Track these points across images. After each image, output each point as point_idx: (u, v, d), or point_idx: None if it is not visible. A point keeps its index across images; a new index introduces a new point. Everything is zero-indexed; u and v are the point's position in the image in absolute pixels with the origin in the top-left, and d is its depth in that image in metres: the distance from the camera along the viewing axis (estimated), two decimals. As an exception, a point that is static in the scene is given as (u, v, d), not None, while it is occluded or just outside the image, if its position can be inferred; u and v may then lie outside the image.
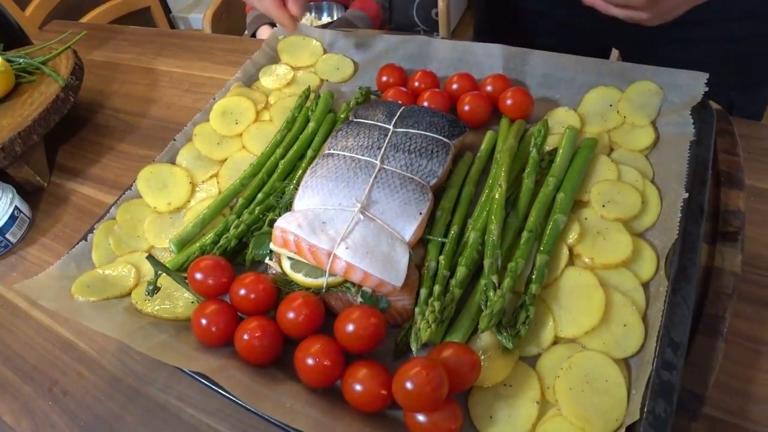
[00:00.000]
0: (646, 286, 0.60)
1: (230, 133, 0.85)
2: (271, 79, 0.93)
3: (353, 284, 0.60)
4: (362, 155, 0.68)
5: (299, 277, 0.61)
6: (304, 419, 0.50)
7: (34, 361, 0.73)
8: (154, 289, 0.63)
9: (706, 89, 0.71)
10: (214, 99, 0.88)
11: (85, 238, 0.73)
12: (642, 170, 0.69)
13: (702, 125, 0.70)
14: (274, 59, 0.97)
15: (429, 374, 0.48)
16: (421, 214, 0.63)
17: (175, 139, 0.83)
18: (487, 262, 0.60)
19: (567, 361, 0.55)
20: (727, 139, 0.73)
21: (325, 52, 0.97)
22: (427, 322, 0.55)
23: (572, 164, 0.69)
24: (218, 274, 0.62)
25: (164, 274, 0.64)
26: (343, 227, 0.60)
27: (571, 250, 0.63)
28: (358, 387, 0.53)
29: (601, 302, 0.58)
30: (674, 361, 0.52)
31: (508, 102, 0.77)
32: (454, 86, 0.82)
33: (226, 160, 0.82)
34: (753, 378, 0.57)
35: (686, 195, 0.63)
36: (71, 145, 1.02)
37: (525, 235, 0.62)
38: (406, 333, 0.59)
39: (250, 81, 0.94)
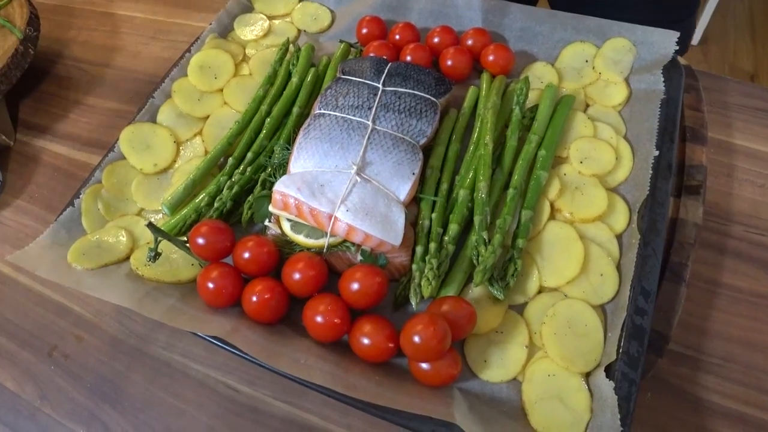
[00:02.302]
0: (619, 237, 0.66)
1: (210, 89, 0.83)
2: (247, 29, 0.90)
3: (353, 243, 0.63)
4: (354, 115, 0.69)
5: (300, 239, 0.64)
6: (320, 373, 0.54)
7: (29, 327, 0.73)
8: (155, 256, 0.64)
9: (677, 47, 0.75)
10: (190, 52, 0.85)
11: (72, 203, 0.72)
12: (615, 126, 0.74)
13: (671, 83, 0.74)
14: (248, 8, 0.94)
15: (435, 329, 0.53)
16: (413, 174, 0.65)
17: (153, 97, 0.81)
18: (477, 219, 0.64)
19: (551, 309, 0.61)
20: (693, 95, 0.78)
21: (300, 0, 0.94)
22: (428, 278, 0.59)
23: (552, 122, 0.73)
24: (220, 238, 0.63)
25: (161, 239, 0.65)
26: (341, 189, 0.63)
27: (552, 205, 0.68)
28: (365, 341, 0.57)
29: (580, 254, 0.64)
30: (645, 307, 0.59)
31: (490, 58, 0.79)
32: (435, 39, 0.83)
33: (208, 117, 0.81)
34: (709, 316, 0.65)
35: (657, 153, 0.68)
36: (33, 99, 0.96)
37: (511, 192, 0.67)
38: (405, 287, 0.63)
39: (225, 32, 0.90)
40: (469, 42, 0.81)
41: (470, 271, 0.64)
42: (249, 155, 0.74)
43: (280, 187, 0.63)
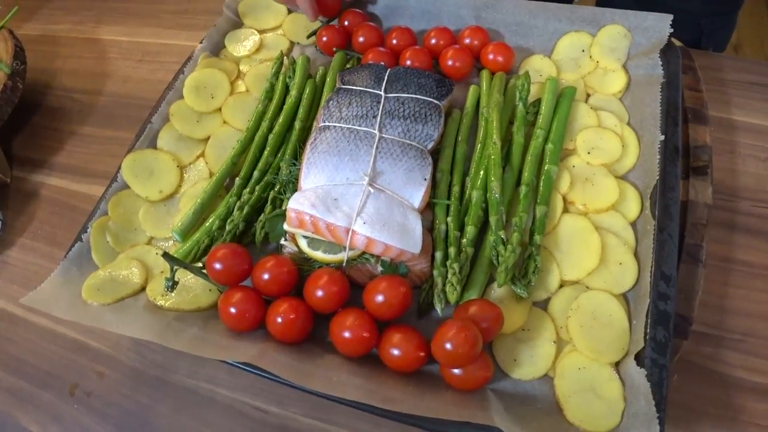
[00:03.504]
0: (633, 225, 0.66)
1: (208, 109, 0.82)
2: (239, 45, 0.89)
3: (372, 255, 0.63)
4: (359, 125, 0.69)
5: (319, 255, 0.63)
6: (354, 389, 0.54)
7: (47, 367, 0.72)
8: (173, 285, 0.63)
9: (671, 30, 0.75)
10: (183, 73, 0.84)
11: (80, 238, 0.71)
12: (618, 114, 0.74)
13: (669, 66, 0.75)
14: (238, 24, 0.93)
15: (467, 335, 0.53)
16: (425, 180, 0.65)
17: (152, 122, 0.80)
18: (493, 219, 0.64)
19: (575, 302, 0.61)
20: (690, 75, 0.78)
21: (289, 12, 0.93)
22: (452, 284, 0.59)
23: (556, 115, 0.73)
24: (237, 261, 0.63)
25: (177, 268, 0.64)
26: (355, 202, 0.62)
27: (564, 199, 0.68)
28: (396, 352, 0.57)
29: (597, 245, 0.64)
30: (667, 291, 0.60)
31: (491, 56, 0.79)
32: (433, 41, 0.82)
33: (209, 138, 0.80)
34: (726, 294, 0.66)
35: (662, 137, 0.68)
36: (26, 134, 0.95)
37: (523, 189, 0.67)
38: (427, 294, 0.63)
39: (217, 50, 0.89)
40: (467, 41, 0.81)
41: (490, 271, 0.64)
42: (255, 174, 0.73)
43: (294, 204, 0.62)
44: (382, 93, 0.72)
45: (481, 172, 0.69)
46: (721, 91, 0.82)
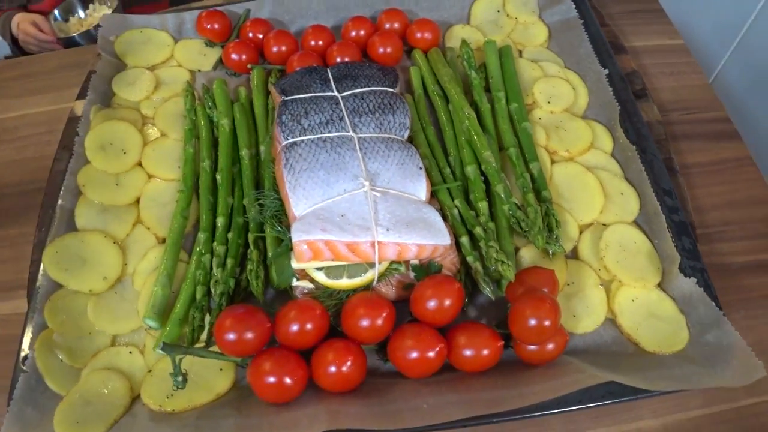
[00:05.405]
0: (612, 156, 0.69)
1: (125, 167, 0.68)
2: (132, 88, 0.75)
3: (400, 263, 0.57)
4: (330, 132, 0.62)
5: (344, 283, 0.56)
6: (451, 407, 0.48)
7: None
8: (184, 378, 0.50)
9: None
10: (79, 135, 0.68)
11: (20, 369, 0.53)
12: (554, 61, 0.77)
13: (579, 7, 0.79)
14: (120, 65, 0.78)
15: (549, 305, 0.50)
16: (421, 168, 0.61)
17: (61, 201, 0.63)
18: (499, 188, 0.62)
19: (601, 241, 0.61)
20: (595, 13, 0.84)
21: (175, 40, 0.81)
22: (502, 261, 0.55)
23: (506, 74, 0.73)
24: (254, 323, 0.52)
25: (183, 356, 0.51)
26: (365, 211, 0.56)
27: (547, 150, 0.69)
28: (469, 352, 0.52)
29: (596, 183, 0.65)
30: (674, 204, 0.63)
31: (418, 35, 0.77)
32: (353, 33, 0.78)
33: (138, 199, 0.66)
34: (694, 195, 0.71)
35: (607, 71, 0.72)
36: None
37: (512, 151, 0.65)
38: (464, 283, 0.59)
39: (106, 99, 0.74)
40: (388, 26, 0.78)
41: (512, 239, 0.62)
42: (219, 221, 0.62)
43: (301, 236, 0.53)
44: (336, 93, 0.66)
45: (465, 147, 0.66)
46: (615, 25, 0.89)
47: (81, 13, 1.22)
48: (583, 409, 0.52)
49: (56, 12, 1.17)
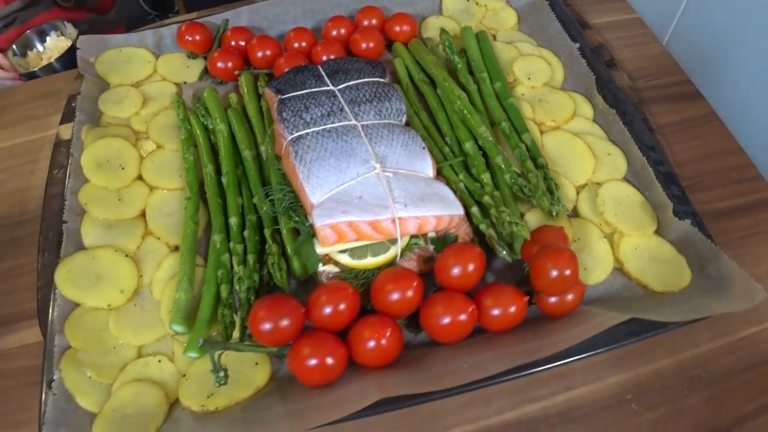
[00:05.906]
0: (594, 121, 0.74)
1: (125, 182, 0.67)
2: (120, 106, 0.74)
3: (419, 237, 0.59)
4: (333, 123, 0.63)
5: (368, 261, 0.57)
6: (489, 363, 0.50)
7: None
8: (225, 374, 0.50)
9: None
10: (73, 156, 0.67)
11: (48, 390, 0.52)
12: (527, 41, 0.81)
13: (543, -11, 0.84)
14: (104, 85, 0.77)
15: (568, 256, 0.53)
16: (424, 148, 0.63)
17: (65, 221, 0.62)
18: (499, 159, 0.65)
19: (598, 198, 0.65)
20: (556, -4, 0.89)
21: (156, 56, 0.81)
22: (516, 223, 0.58)
23: (485, 56, 0.77)
24: (288, 310, 0.52)
25: (221, 352, 0.52)
26: (380, 191, 0.57)
27: (534, 122, 0.73)
28: (497, 311, 0.54)
29: (584, 147, 0.70)
30: (658, 157, 0.68)
31: (397, 29, 0.80)
32: (334, 32, 0.80)
33: (143, 211, 0.66)
34: (679, 150, 0.77)
35: (578, 45, 0.77)
36: None
37: (504, 125, 0.69)
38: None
39: (95, 119, 0.73)
40: (366, 23, 0.81)
41: (516, 205, 0.65)
42: (233, 221, 0.63)
43: (324, 220, 0.55)
44: (332, 87, 0.68)
45: (460, 127, 0.69)
46: (575, 4, 0.95)
47: (39, 47, 1.19)
48: (606, 353, 0.55)
49: (14, 47, 1.14)
